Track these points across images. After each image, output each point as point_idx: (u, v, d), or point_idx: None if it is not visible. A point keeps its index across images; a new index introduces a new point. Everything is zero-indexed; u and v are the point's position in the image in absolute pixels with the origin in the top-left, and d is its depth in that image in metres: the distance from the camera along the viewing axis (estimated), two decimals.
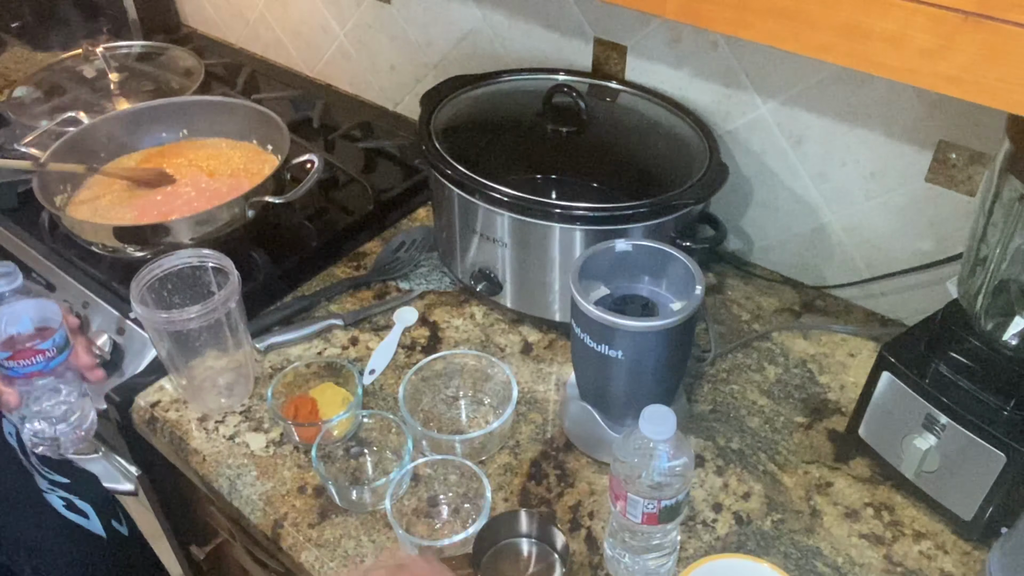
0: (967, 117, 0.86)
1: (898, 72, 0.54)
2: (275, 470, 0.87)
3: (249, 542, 0.99)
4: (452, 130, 1.01)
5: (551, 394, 0.95)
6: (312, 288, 1.08)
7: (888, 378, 0.80)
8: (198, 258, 0.90)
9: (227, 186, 1.13)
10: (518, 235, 0.93)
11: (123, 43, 1.50)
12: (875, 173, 0.96)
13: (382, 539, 0.80)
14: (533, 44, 1.18)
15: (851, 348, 1.00)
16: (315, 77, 1.58)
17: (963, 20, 0.50)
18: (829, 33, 0.56)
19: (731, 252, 1.14)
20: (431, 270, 1.11)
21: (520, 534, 0.78)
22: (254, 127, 1.20)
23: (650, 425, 0.66)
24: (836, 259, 1.05)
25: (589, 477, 0.86)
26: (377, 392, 0.95)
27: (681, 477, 0.68)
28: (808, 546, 0.80)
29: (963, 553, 0.79)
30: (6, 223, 1.18)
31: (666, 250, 0.81)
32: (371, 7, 1.37)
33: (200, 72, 1.42)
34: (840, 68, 0.90)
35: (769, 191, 1.06)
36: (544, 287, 0.97)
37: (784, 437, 0.90)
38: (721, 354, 0.99)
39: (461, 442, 0.85)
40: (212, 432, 0.91)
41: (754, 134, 1.03)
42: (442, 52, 1.32)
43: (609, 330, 0.75)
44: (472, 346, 1.00)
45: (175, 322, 0.83)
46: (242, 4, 1.60)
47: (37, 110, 1.34)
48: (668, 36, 1.03)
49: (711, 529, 0.81)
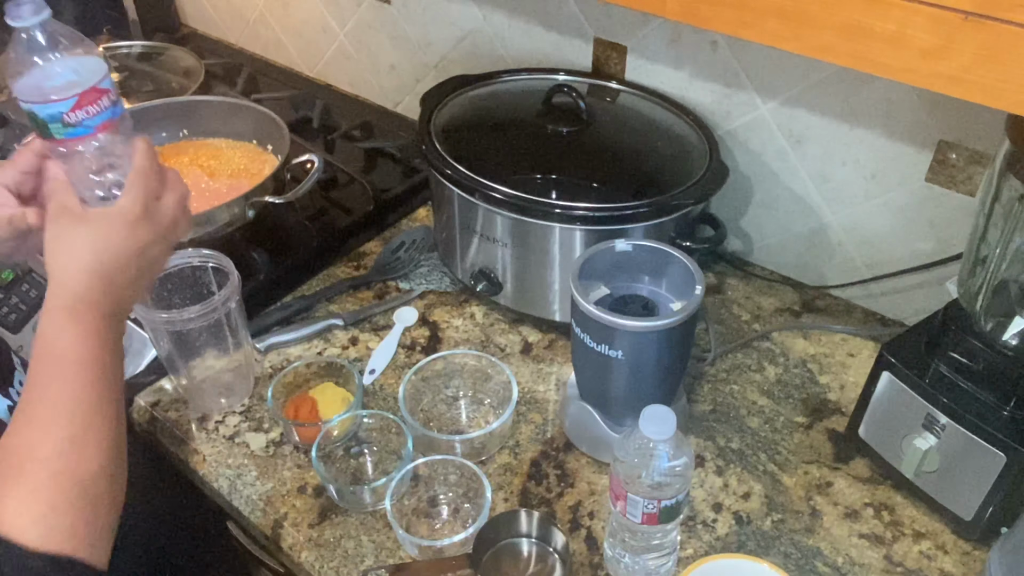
0: (967, 117, 0.86)
1: (898, 72, 0.54)
2: (275, 470, 0.87)
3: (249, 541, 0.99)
4: (452, 130, 1.01)
5: (551, 394, 0.95)
6: (312, 288, 1.08)
7: (888, 378, 0.80)
8: (198, 258, 0.90)
9: (227, 186, 1.13)
10: (518, 235, 0.93)
11: (123, 43, 1.50)
12: (875, 173, 0.96)
13: (382, 539, 0.80)
14: (533, 44, 1.19)
15: (851, 348, 1.00)
16: (315, 77, 1.58)
17: (963, 20, 0.50)
18: (829, 33, 0.56)
19: (731, 252, 1.14)
20: (431, 270, 1.12)
21: (520, 534, 0.78)
22: (254, 127, 1.20)
23: (650, 425, 0.66)
24: (836, 259, 1.05)
25: (589, 477, 0.86)
26: (377, 392, 0.95)
27: (681, 477, 0.68)
28: (808, 546, 0.80)
29: (963, 553, 0.79)
30: None
31: (666, 250, 0.81)
32: (371, 7, 1.37)
33: (200, 72, 1.42)
34: (840, 68, 0.90)
35: (769, 191, 1.06)
36: (544, 287, 0.97)
37: (784, 437, 0.90)
38: (721, 354, 0.99)
39: (461, 442, 0.85)
40: (212, 432, 0.91)
41: (754, 134, 1.03)
42: (442, 52, 1.32)
43: (609, 330, 0.75)
44: (472, 346, 1.00)
45: (175, 322, 0.83)
46: (242, 4, 1.60)
47: None
48: (668, 36, 1.03)
49: (711, 529, 0.81)
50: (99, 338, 0.62)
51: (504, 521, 0.77)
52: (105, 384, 0.62)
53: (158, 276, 0.71)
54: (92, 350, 0.62)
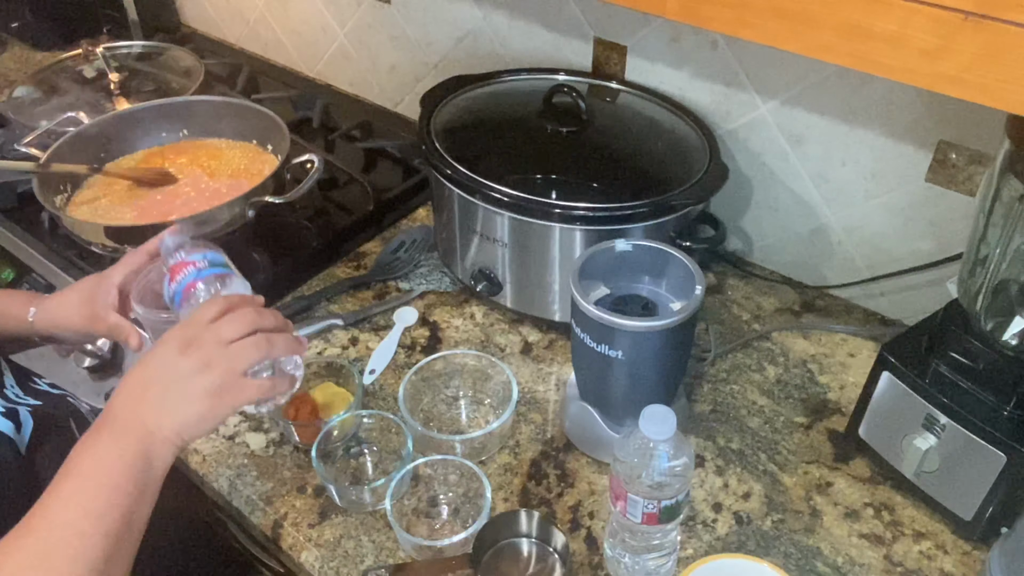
0: (967, 117, 0.86)
1: (898, 72, 0.54)
2: (275, 470, 0.87)
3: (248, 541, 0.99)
4: (452, 130, 1.01)
5: (551, 394, 0.95)
6: (312, 288, 1.08)
7: (888, 378, 0.80)
8: None
9: (227, 186, 1.13)
10: (518, 235, 0.93)
11: (123, 43, 1.50)
12: (875, 173, 0.96)
13: (382, 539, 0.80)
14: (533, 44, 1.19)
15: (851, 348, 1.00)
16: (315, 77, 1.58)
17: (963, 20, 0.50)
18: (829, 33, 0.56)
19: (731, 252, 1.14)
20: (431, 270, 1.12)
21: (520, 534, 0.78)
22: (254, 127, 1.20)
23: (650, 425, 0.66)
24: (836, 259, 1.05)
25: (589, 477, 0.86)
26: (377, 392, 0.95)
27: (681, 477, 0.68)
28: (808, 546, 0.80)
29: (963, 553, 0.79)
30: (6, 223, 1.18)
31: (666, 250, 0.81)
32: (371, 7, 1.37)
33: (200, 72, 1.41)
34: (840, 68, 0.90)
35: (769, 191, 1.06)
36: (544, 287, 0.97)
37: (784, 437, 0.90)
38: (721, 354, 0.99)
39: (461, 442, 0.85)
40: (212, 432, 0.91)
41: (754, 134, 1.03)
42: (442, 52, 1.32)
43: (609, 330, 0.75)
44: (472, 346, 1.00)
45: (175, 322, 0.83)
46: (242, 4, 1.60)
47: (37, 110, 1.34)
48: (668, 36, 1.03)
49: (711, 529, 0.81)
50: (117, 450, 0.60)
51: (504, 521, 0.77)
52: (103, 503, 0.58)
53: (222, 412, 0.65)
54: (102, 460, 0.59)
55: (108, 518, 0.58)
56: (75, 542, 0.56)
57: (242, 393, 0.65)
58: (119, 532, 0.58)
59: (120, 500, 0.59)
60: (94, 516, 0.58)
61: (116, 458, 0.60)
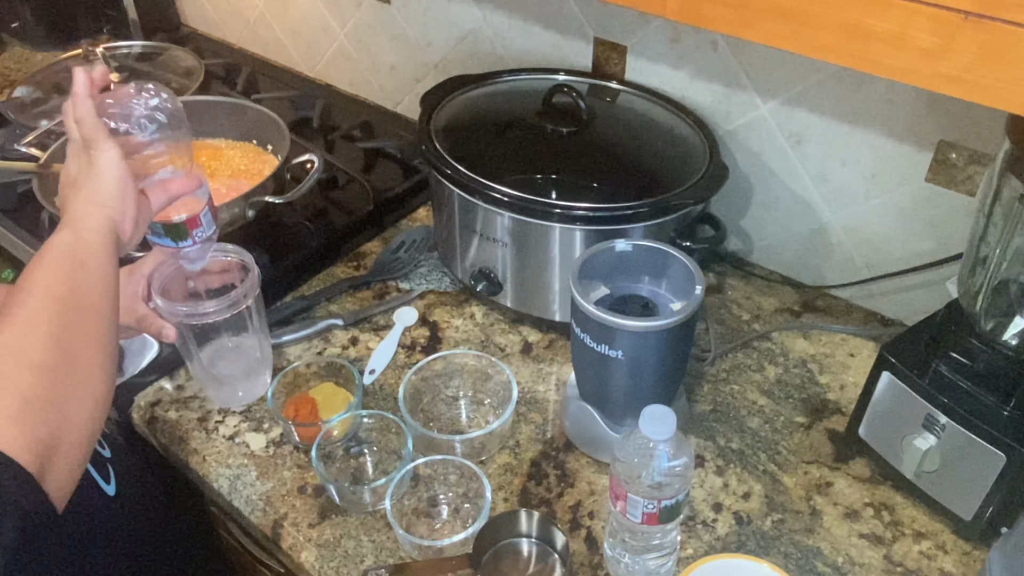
0: (967, 117, 0.86)
1: (898, 72, 0.54)
2: (275, 470, 0.87)
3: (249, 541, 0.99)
4: (452, 130, 1.01)
5: (551, 394, 0.95)
6: (312, 288, 1.08)
7: (888, 378, 0.80)
8: (222, 252, 0.89)
9: (227, 186, 1.13)
10: (518, 235, 0.93)
11: (123, 43, 1.50)
12: (875, 173, 0.96)
13: (382, 539, 0.80)
14: (533, 44, 1.19)
15: (851, 348, 1.00)
16: (315, 77, 1.58)
17: (963, 20, 0.50)
18: (829, 33, 0.56)
19: (731, 252, 1.14)
20: (431, 270, 1.12)
21: (520, 534, 0.78)
22: (254, 127, 1.20)
23: (650, 425, 0.66)
24: (836, 259, 1.05)
25: (589, 477, 0.86)
26: (377, 392, 0.95)
27: (681, 477, 0.68)
28: (808, 546, 0.80)
29: (963, 553, 0.79)
30: (6, 223, 1.18)
31: (666, 250, 0.81)
32: (371, 7, 1.37)
33: (200, 72, 1.42)
34: (840, 68, 0.90)
35: (769, 191, 1.06)
36: (544, 287, 0.97)
37: (784, 437, 0.90)
38: (721, 354, 0.99)
39: (461, 442, 0.85)
40: (212, 432, 0.91)
41: (754, 134, 1.03)
42: (442, 52, 1.32)
43: (609, 330, 0.75)
44: (472, 346, 1.00)
45: (194, 315, 0.83)
46: (242, 4, 1.60)
47: (37, 110, 1.34)
48: (668, 36, 1.03)
49: (711, 529, 0.81)
50: (50, 243, 0.65)
51: (504, 521, 0.77)
52: (48, 278, 0.62)
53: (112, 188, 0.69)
54: (40, 256, 0.64)
55: (54, 290, 0.61)
56: (18, 311, 0.59)
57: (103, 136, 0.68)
58: (66, 298, 0.61)
59: (59, 270, 0.63)
60: (41, 289, 0.61)
61: (49, 247, 0.64)
